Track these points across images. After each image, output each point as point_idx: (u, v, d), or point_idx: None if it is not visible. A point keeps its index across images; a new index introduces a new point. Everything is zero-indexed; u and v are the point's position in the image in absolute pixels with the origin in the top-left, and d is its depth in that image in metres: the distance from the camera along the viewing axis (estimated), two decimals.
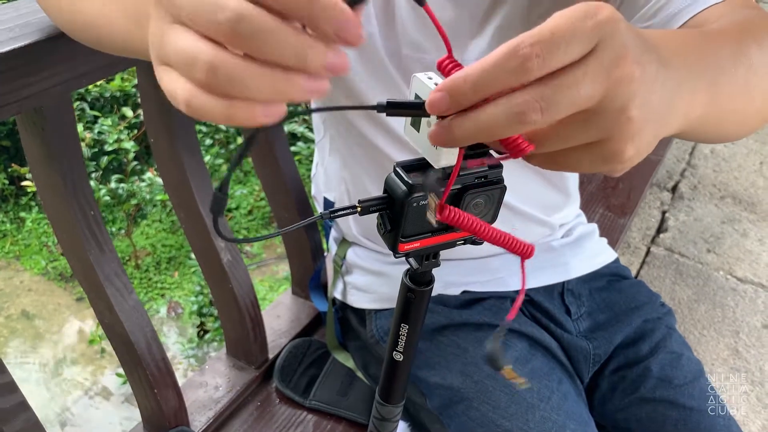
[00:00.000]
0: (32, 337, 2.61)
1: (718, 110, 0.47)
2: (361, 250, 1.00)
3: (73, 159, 0.73)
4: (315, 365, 1.08)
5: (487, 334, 0.89)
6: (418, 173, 0.47)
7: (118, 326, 0.84)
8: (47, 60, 0.65)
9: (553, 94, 0.34)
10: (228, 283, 0.98)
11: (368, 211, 0.48)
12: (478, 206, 0.49)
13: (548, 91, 0.34)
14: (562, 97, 0.34)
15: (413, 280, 0.54)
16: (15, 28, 0.65)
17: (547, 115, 0.34)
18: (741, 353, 1.81)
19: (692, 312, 1.93)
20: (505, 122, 0.34)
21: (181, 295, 2.78)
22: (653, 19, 0.69)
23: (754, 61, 0.51)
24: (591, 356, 0.93)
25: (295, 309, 1.19)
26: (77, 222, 0.76)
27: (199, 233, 0.94)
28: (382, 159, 0.86)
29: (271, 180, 1.10)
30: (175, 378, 0.93)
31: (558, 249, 0.98)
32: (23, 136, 0.72)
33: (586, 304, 0.97)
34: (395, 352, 0.59)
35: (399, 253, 0.50)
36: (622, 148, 0.37)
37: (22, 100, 0.64)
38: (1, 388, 0.71)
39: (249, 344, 1.06)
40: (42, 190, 0.76)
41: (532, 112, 0.34)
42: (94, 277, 0.80)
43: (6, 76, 0.62)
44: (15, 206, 3.07)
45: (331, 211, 0.47)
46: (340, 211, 0.47)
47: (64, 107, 0.70)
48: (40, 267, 2.88)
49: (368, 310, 0.98)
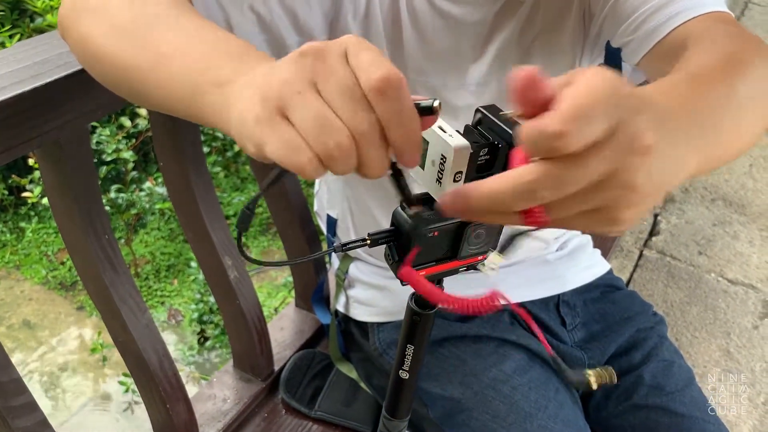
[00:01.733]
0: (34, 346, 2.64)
1: (712, 155, 0.48)
2: (363, 264, 1.04)
3: (88, 187, 0.77)
4: (319, 376, 1.11)
5: (486, 346, 0.93)
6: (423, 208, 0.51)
7: (132, 344, 0.87)
8: (66, 96, 0.68)
9: (568, 174, 0.33)
10: (235, 299, 1.01)
11: (377, 243, 0.51)
12: (480, 237, 0.53)
13: (563, 172, 0.33)
14: (576, 177, 0.33)
15: (418, 304, 0.58)
16: (34, 66, 0.68)
17: (558, 193, 0.34)
18: (733, 354, 1.85)
19: (684, 314, 1.97)
20: (519, 200, 0.35)
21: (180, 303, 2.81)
22: (635, 34, 0.72)
23: (741, 97, 0.52)
24: (586, 365, 0.96)
25: (299, 321, 1.23)
26: (92, 247, 0.79)
27: (207, 252, 0.97)
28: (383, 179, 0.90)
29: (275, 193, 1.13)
30: (186, 392, 0.97)
31: (553, 262, 1.02)
32: (41, 165, 0.75)
33: (580, 315, 1.01)
34: (401, 371, 0.62)
35: (405, 282, 0.53)
36: (623, 215, 0.36)
37: (42, 134, 0.68)
38: (10, 385, 0.75)
39: (255, 357, 1.09)
40: (59, 216, 0.79)
41: (544, 190, 0.34)
42: (109, 299, 0.83)
43: (29, 114, 0.65)
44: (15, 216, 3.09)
45: (343, 244, 0.50)
46: (351, 244, 0.50)
47: (81, 139, 0.74)
48: (41, 276, 2.90)
49: (371, 323, 1.02)
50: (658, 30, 0.70)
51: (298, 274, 1.23)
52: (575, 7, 0.79)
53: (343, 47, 0.38)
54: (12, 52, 0.71)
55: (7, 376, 0.74)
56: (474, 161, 0.46)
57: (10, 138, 0.66)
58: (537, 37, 0.81)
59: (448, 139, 0.45)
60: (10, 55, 0.69)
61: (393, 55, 0.80)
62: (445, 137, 0.45)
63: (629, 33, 0.73)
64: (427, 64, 0.80)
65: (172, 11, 0.54)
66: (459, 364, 0.92)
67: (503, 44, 0.80)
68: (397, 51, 0.79)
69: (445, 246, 0.52)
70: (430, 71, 0.81)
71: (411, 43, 0.78)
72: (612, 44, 0.78)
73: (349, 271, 1.05)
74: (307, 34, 0.75)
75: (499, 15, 0.79)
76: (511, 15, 0.79)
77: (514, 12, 0.78)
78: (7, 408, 0.74)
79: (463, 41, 0.80)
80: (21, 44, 0.72)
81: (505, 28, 0.79)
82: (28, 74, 0.66)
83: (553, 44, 0.82)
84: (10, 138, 0.66)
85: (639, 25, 0.72)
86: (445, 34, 0.79)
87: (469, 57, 0.81)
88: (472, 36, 0.80)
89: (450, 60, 0.80)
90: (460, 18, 0.78)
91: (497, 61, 0.81)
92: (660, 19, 0.69)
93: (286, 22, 0.73)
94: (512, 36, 0.80)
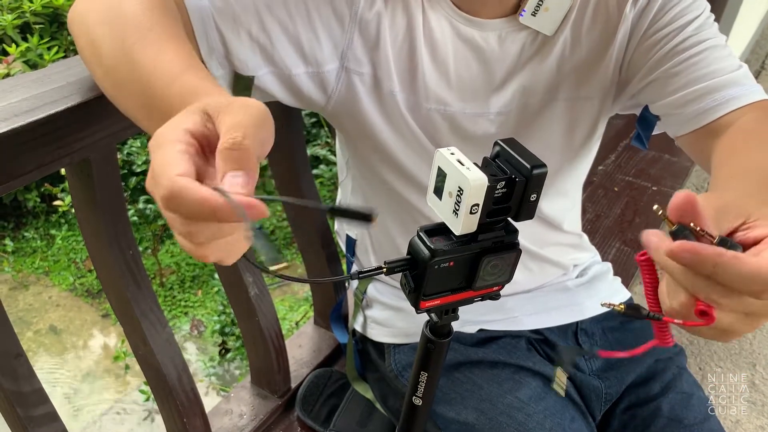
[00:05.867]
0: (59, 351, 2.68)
1: None
2: (382, 285, 1.04)
3: (115, 204, 0.79)
4: (336, 395, 1.12)
5: (502, 372, 0.92)
6: (440, 237, 0.51)
7: (151, 358, 0.89)
8: (96, 116, 0.71)
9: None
10: (255, 316, 1.02)
11: (393, 271, 0.52)
12: (495, 268, 0.53)
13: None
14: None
15: (433, 332, 0.58)
16: (67, 86, 0.70)
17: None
18: (758, 386, 1.81)
19: (709, 343, 1.94)
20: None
21: (203, 314, 2.84)
22: (682, 110, 0.74)
23: None
24: (603, 395, 0.95)
25: (317, 339, 1.23)
26: (117, 261, 0.81)
27: (228, 268, 0.99)
28: (402, 201, 0.90)
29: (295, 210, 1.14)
30: (203, 407, 0.98)
31: (572, 289, 1.02)
32: (71, 182, 0.78)
33: (599, 344, 1.00)
34: (415, 397, 0.62)
35: (420, 310, 0.54)
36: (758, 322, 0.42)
37: (73, 153, 0.70)
38: (32, 395, 0.77)
39: (273, 374, 1.10)
40: (85, 230, 0.82)
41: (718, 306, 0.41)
42: (131, 313, 0.85)
43: (61, 132, 0.67)
44: (46, 223, 3.16)
45: (359, 272, 0.51)
46: (367, 272, 0.51)
47: (109, 157, 0.76)
48: (68, 283, 2.95)
49: (387, 344, 1.02)
50: (709, 112, 0.72)
51: (318, 292, 1.25)
52: (612, 57, 0.80)
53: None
54: (48, 72, 0.73)
55: (29, 387, 0.76)
56: (491, 194, 0.47)
57: (43, 155, 0.68)
58: (565, 78, 0.81)
59: (465, 172, 0.46)
60: (45, 76, 0.72)
61: (408, 85, 0.81)
62: (463, 170, 0.46)
63: (675, 107, 0.75)
64: (447, 93, 0.81)
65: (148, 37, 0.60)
66: (474, 389, 0.92)
67: (528, 77, 0.81)
68: (413, 81, 0.80)
69: (461, 276, 0.53)
70: (450, 100, 0.81)
71: (429, 72, 0.79)
72: (651, 110, 0.80)
73: (367, 292, 1.05)
74: (315, 64, 0.76)
75: (526, 47, 0.79)
76: (539, 49, 0.79)
77: (543, 47, 0.79)
78: (29, 417, 0.76)
79: (486, 70, 0.80)
80: (56, 65, 0.75)
81: (531, 61, 0.80)
82: (62, 95, 0.69)
83: (581, 87, 0.82)
84: (42, 155, 0.68)
85: (688, 103, 0.74)
86: (467, 62, 0.79)
87: (491, 86, 0.81)
88: (496, 65, 0.80)
89: (470, 89, 0.81)
90: (483, 46, 0.78)
91: (520, 93, 0.81)
92: (711, 102, 0.71)
93: (290, 52, 0.74)
94: (539, 70, 0.80)
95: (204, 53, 0.72)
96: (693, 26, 0.75)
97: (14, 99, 0.67)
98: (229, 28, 0.71)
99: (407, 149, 0.84)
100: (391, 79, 0.79)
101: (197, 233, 0.42)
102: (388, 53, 0.77)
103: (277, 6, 0.72)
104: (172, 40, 0.59)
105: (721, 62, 0.73)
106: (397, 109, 0.81)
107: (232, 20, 0.71)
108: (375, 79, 0.79)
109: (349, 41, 0.76)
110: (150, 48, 0.58)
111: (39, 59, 2.51)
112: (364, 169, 0.94)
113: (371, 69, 0.78)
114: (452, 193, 0.47)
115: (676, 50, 0.75)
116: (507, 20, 0.78)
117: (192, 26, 0.70)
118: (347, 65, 0.78)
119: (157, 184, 0.41)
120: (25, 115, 0.65)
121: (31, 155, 0.67)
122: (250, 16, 0.71)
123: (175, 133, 0.43)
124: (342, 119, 0.84)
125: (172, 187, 0.39)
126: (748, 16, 2.80)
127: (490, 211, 0.48)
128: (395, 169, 0.88)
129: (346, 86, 0.79)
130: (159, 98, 0.55)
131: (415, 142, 0.84)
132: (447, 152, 0.48)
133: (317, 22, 0.74)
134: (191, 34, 0.70)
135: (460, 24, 0.78)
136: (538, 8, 0.76)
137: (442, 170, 0.48)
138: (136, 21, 0.60)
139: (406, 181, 0.88)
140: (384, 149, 0.85)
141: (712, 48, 0.74)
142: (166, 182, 0.40)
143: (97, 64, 0.63)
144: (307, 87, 0.78)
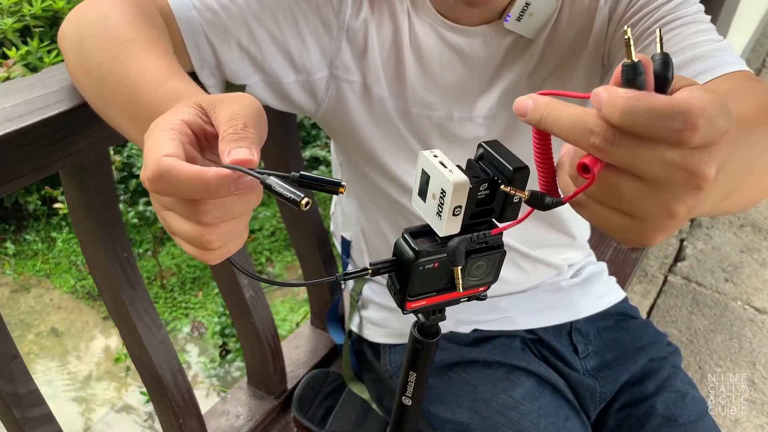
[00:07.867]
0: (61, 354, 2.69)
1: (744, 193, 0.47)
2: (377, 286, 1.05)
3: (108, 207, 0.79)
4: (332, 396, 1.12)
5: (496, 372, 0.93)
6: (424, 239, 0.52)
7: (147, 359, 0.89)
8: (89, 119, 0.71)
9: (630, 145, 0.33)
10: (250, 317, 1.03)
11: (378, 272, 0.52)
12: (480, 269, 0.53)
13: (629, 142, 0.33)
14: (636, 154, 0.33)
15: (421, 332, 0.58)
16: (61, 91, 0.71)
17: (607, 154, 0.34)
18: (757, 385, 1.81)
19: (708, 342, 1.94)
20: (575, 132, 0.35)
21: (204, 315, 2.85)
22: None
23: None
24: (597, 394, 0.96)
25: (314, 340, 1.24)
26: (111, 263, 0.82)
27: (224, 271, 0.99)
28: (395, 204, 0.91)
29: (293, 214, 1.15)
30: (199, 408, 0.98)
31: (567, 289, 1.02)
32: (65, 185, 0.78)
33: (593, 343, 1.00)
34: (404, 397, 0.63)
35: (407, 311, 0.54)
36: (652, 234, 0.37)
37: (66, 157, 0.70)
38: (28, 397, 0.77)
39: (269, 375, 1.10)
40: (80, 233, 0.82)
41: (596, 137, 0.34)
42: (126, 314, 0.85)
43: (53, 137, 0.68)
44: (46, 226, 3.17)
45: (345, 273, 0.51)
46: (353, 274, 0.51)
47: (103, 160, 0.76)
48: (69, 285, 2.96)
49: (383, 345, 1.03)
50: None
51: (314, 294, 1.25)
52: (591, 50, 0.79)
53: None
54: (41, 77, 0.74)
55: (25, 388, 0.77)
56: (473, 196, 0.47)
57: (36, 159, 0.69)
58: (549, 77, 0.81)
59: (447, 174, 0.46)
60: (39, 81, 0.72)
61: (397, 91, 0.81)
62: (445, 172, 0.46)
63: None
64: (433, 97, 0.81)
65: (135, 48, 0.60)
66: (469, 389, 0.92)
67: (513, 80, 0.81)
68: (400, 87, 0.81)
69: (447, 277, 0.53)
70: (437, 105, 0.82)
71: (416, 78, 0.80)
72: None
73: (362, 292, 1.06)
74: (304, 72, 0.77)
75: (510, 51, 0.79)
76: (522, 52, 0.80)
77: (525, 49, 0.79)
78: (25, 419, 0.77)
79: (472, 75, 0.81)
80: (50, 69, 0.76)
81: (515, 64, 0.80)
82: (55, 99, 0.69)
83: (566, 85, 0.82)
84: (36, 159, 0.69)
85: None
86: (453, 67, 0.80)
87: (477, 90, 0.82)
88: (481, 70, 0.81)
89: (457, 93, 0.81)
90: (468, 51, 0.79)
91: (506, 96, 0.82)
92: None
93: (280, 61, 0.75)
94: (523, 72, 0.81)
95: (196, 64, 0.73)
96: (669, 5, 0.72)
97: (7, 104, 0.67)
98: (220, 38, 0.72)
99: (398, 154, 0.85)
100: (381, 85, 0.80)
101: (208, 211, 0.41)
102: (377, 60, 0.78)
103: (265, 16, 0.72)
104: (155, 49, 0.60)
105: (696, 37, 0.70)
106: (387, 115, 0.82)
107: (221, 31, 0.71)
108: (364, 86, 0.80)
109: (337, 49, 0.77)
110: (135, 57, 0.59)
111: (39, 62, 2.52)
112: (357, 173, 0.94)
113: (360, 77, 0.79)
114: (435, 195, 0.48)
115: (651, 30, 0.72)
116: (491, 26, 0.78)
117: (182, 38, 0.71)
118: (336, 73, 0.78)
119: (144, 167, 0.41)
120: (19, 119, 0.65)
121: (25, 159, 0.67)
122: (239, 26, 0.72)
123: (169, 121, 0.44)
124: (332, 125, 0.85)
125: (158, 165, 0.39)
126: (748, 13, 2.80)
127: (473, 213, 0.49)
128: (386, 173, 0.88)
129: (336, 94, 0.80)
130: (146, 104, 0.55)
131: (406, 146, 0.84)
132: (430, 154, 0.48)
133: (305, 30, 0.74)
134: (181, 45, 0.71)
135: (444, 30, 0.78)
136: (523, 13, 0.76)
137: (426, 172, 0.49)
138: (121, 32, 0.61)
139: (398, 184, 0.88)
140: (375, 154, 0.85)
141: (689, 24, 0.71)
142: (152, 162, 0.40)
143: (85, 77, 0.64)
144: (297, 95, 0.79)
